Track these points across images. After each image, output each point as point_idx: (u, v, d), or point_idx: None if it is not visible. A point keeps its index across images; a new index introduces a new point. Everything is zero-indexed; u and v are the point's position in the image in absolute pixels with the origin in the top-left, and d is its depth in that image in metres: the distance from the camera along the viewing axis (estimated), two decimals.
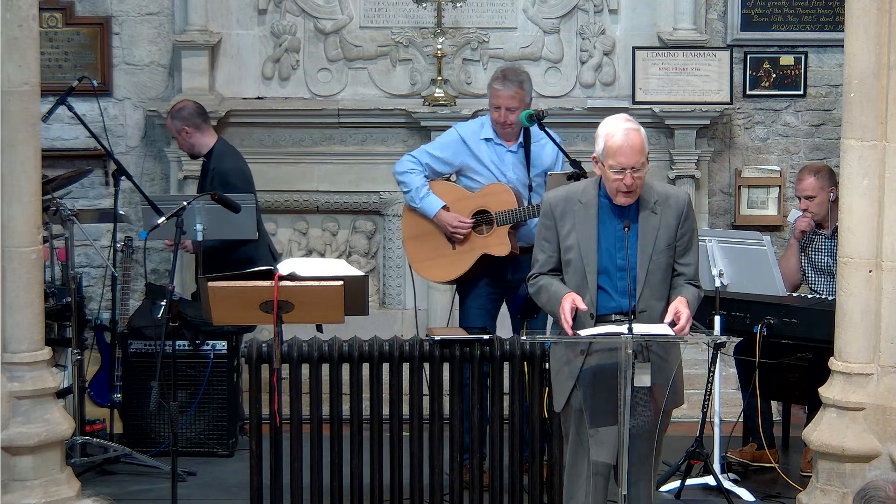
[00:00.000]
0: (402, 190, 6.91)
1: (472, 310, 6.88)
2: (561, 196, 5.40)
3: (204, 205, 6.89)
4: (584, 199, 5.31)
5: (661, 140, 8.45)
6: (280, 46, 8.49)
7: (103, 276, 8.30)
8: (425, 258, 6.89)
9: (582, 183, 5.54)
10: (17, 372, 6.02)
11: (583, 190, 5.37)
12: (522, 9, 8.55)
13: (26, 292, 5.99)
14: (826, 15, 8.57)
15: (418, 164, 6.84)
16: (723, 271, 6.67)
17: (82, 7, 8.46)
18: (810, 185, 7.07)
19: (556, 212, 5.33)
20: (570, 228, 5.29)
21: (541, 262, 5.39)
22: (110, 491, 6.57)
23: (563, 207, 5.33)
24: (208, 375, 7.28)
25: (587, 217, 5.28)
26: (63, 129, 8.32)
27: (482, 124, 6.95)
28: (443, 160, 6.89)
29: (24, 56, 5.95)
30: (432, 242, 6.86)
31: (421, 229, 6.88)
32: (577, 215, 5.30)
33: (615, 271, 5.26)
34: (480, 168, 6.89)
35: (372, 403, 6.16)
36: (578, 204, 5.31)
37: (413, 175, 6.83)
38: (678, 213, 5.31)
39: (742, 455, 7.05)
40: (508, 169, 6.88)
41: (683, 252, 5.33)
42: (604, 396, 5.21)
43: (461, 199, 6.85)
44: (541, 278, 5.37)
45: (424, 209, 6.83)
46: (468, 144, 6.89)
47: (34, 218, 6.04)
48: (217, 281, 5.81)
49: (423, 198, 6.82)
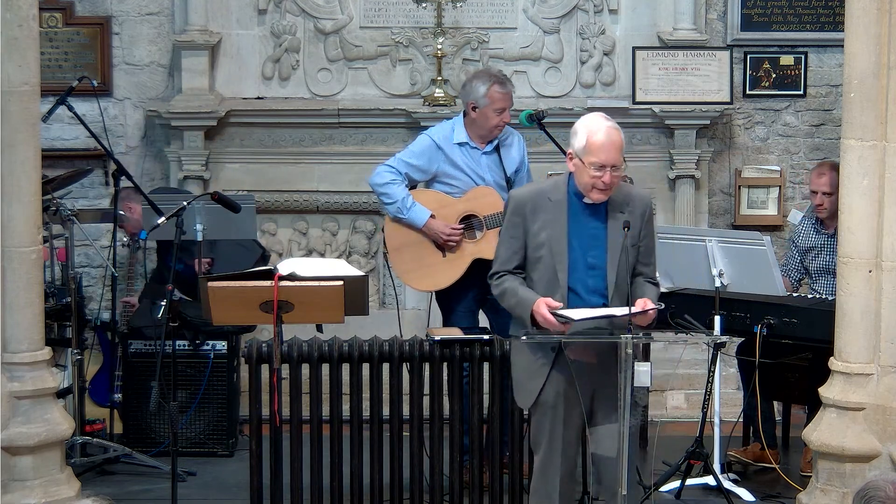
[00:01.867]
0: (385, 202, 6.82)
1: (459, 313, 6.86)
2: (530, 192, 5.40)
3: (204, 205, 6.88)
4: (553, 197, 5.30)
5: (661, 140, 8.45)
6: (280, 46, 8.49)
7: (103, 276, 8.30)
8: (415, 268, 6.85)
9: (551, 180, 5.54)
10: (17, 372, 6.02)
11: (553, 187, 5.36)
12: (522, 9, 8.54)
13: (26, 292, 5.99)
14: (826, 15, 8.56)
15: (398, 175, 6.80)
16: (723, 271, 6.67)
17: (82, 7, 8.46)
18: (831, 182, 7.05)
19: (525, 208, 5.32)
20: (541, 226, 5.28)
21: (504, 258, 5.37)
22: (110, 491, 6.58)
23: (533, 204, 5.32)
24: (208, 375, 7.29)
25: (558, 214, 5.28)
26: (63, 129, 8.32)
27: (453, 129, 6.91)
28: (419, 168, 6.85)
29: (24, 56, 5.95)
30: (419, 252, 6.82)
31: (406, 239, 6.83)
32: (548, 212, 5.29)
33: (585, 269, 5.27)
34: (457, 173, 6.86)
35: (372, 403, 6.16)
36: (548, 201, 5.30)
37: (395, 186, 6.78)
38: (642, 214, 5.35)
39: (745, 454, 7.05)
40: (485, 171, 6.87)
41: (646, 252, 5.38)
42: (587, 390, 5.23)
43: (445, 206, 6.83)
44: (505, 279, 5.35)
45: (413, 220, 6.79)
46: (443, 150, 6.86)
47: (34, 218, 6.04)
48: (217, 281, 5.81)
49: (411, 208, 6.77)
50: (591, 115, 5.34)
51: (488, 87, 6.82)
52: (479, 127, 6.84)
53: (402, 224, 6.82)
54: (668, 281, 6.82)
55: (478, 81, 6.89)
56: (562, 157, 6.87)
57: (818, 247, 7.31)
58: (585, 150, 5.20)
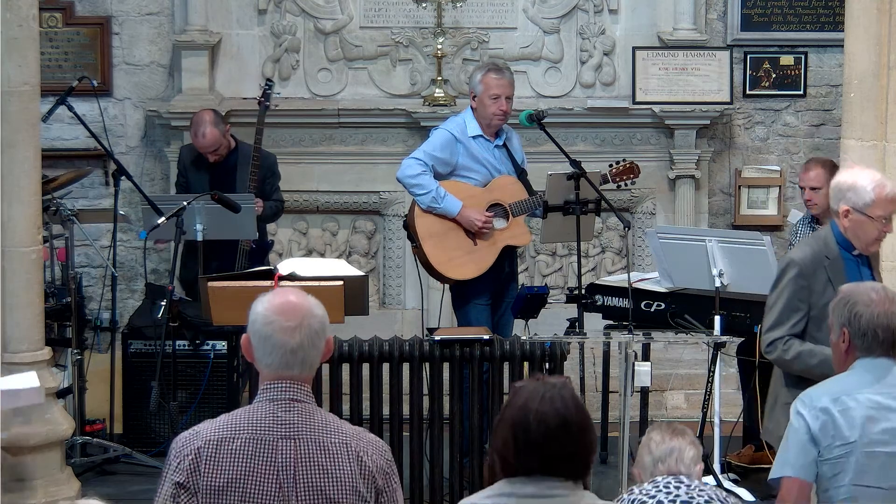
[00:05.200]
0: (417, 193, 6.83)
1: (476, 306, 6.91)
2: (811, 255, 5.39)
3: (204, 205, 6.88)
4: (830, 255, 5.33)
5: (661, 140, 8.45)
6: (280, 46, 8.49)
7: (103, 276, 8.29)
8: (455, 257, 6.88)
9: (820, 237, 5.49)
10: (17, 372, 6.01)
11: (824, 244, 5.37)
12: (522, 9, 8.54)
13: (26, 292, 5.99)
14: (826, 15, 8.56)
15: (426, 166, 6.84)
16: (723, 271, 6.67)
17: (82, 7, 8.46)
18: (817, 176, 7.06)
19: (809, 272, 5.33)
20: (824, 287, 5.29)
21: (791, 323, 5.37)
22: (110, 491, 6.57)
23: (814, 266, 5.34)
24: (208, 375, 7.28)
25: (837, 273, 5.29)
26: (63, 129, 8.31)
27: (465, 122, 6.96)
28: (443, 161, 6.90)
29: (24, 56, 5.95)
30: (451, 241, 6.86)
31: (437, 229, 6.87)
32: (829, 272, 5.31)
33: None
34: (476, 165, 6.92)
35: (372, 403, 6.16)
36: (826, 260, 5.32)
37: (426, 177, 6.82)
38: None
39: (740, 458, 7.03)
40: (499, 163, 6.96)
41: None
42: None
43: (472, 196, 6.89)
44: (793, 342, 5.36)
45: (447, 209, 6.83)
46: (462, 143, 6.91)
47: (34, 218, 6.04)
48: (217, 281, 5.81)
49: (444, 197, 6.81)
50: (859, 170, 5.36)
51: (483, 74, 6.92)
52: (480, 116, 6.92)
53: (434, 214, 6.85)
54: (668, 281, 6.82)
55: (477, 71, 7.02)
56: (562, 157, 6.91)
57: None
58: (874, 204, 5.22)
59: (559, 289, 8.36)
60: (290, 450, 3.48)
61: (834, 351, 4.33)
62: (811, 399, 4.20)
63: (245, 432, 3.48)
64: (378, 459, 3.57)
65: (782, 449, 4.24)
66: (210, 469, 3.45)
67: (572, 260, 8.26)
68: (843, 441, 4.14)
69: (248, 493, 3.44)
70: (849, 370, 4.24)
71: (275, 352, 3.50)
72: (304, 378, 3.54)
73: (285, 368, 3.52)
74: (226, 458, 3.45)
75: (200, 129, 7.38)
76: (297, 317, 3.51)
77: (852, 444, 4.13)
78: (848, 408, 4.14)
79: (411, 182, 6.83)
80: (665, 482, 3.91)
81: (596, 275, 8.36)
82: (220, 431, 3.49)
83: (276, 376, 3.53)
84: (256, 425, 3.49)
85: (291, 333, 3.49)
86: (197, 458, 3.45)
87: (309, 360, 3.53)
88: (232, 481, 3.44)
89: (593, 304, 6.93)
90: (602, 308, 6.98)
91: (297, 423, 3.51)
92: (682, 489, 3.89)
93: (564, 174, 6.82)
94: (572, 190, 6.78)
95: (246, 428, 3.49)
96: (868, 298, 4.21)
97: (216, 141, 7.41)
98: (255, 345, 3.53)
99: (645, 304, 6.81)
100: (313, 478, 3.48)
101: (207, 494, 3.44)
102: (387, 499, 3.58)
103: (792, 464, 4.17)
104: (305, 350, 3.51)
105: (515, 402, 3.38)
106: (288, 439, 3.49)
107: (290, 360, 3.51)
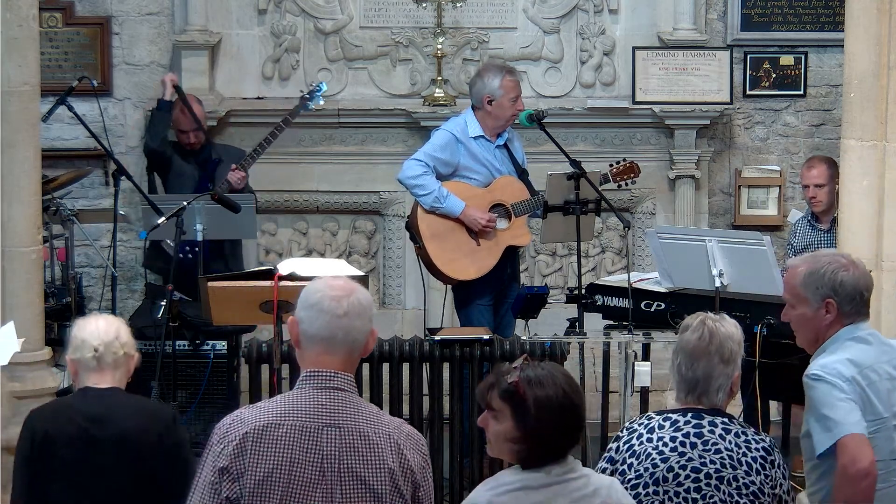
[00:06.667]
0: (420, 194, 6.87)
1: (478, 307, 6.92)
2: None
3: (204, 205, 6.89)
4: None
5: (661, 140, 8.45)
6: (280, 46, 8.49)
7: (103, 276, 8.29)
8: (459, 257, 6.91)
9: None
10: (17, 372, 6.02)
11: None
12: (522, 9, 8.54)
13: (26, 292, 6.00)
14: (826, 15, 8.56)
15: (427, 167, 6.86)
16: (723, 271, 6.67)
17: (82, 7, 8.46)
18: (821, 174, 7.06)
19: None
20: None
21: None
22: None
23: None
24: (208, 375, 7.28)
25: None
26: (63, 129, 8.31)
27: (466, 123, 6.99)
28: (444, 161, 6.92)
29: (24, 56, 5.96)
30: (454, 241, 6.89)
31: (440, 230, 6.89)
32: None
33: None
34: (477, 166, 6.94)
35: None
36: None
37: (428, 177, 6.85)
38: None
39: None
40: (500, 164, 7.00)
41: None
42: None
43: (473, 197, 6.91)
44: None
45: (450, 209, 6.85)
46: (463, 143, 6.94)
47: (34, 218, 6.05)
48: (217, 281, 5.81)
49: (447, 197, 6.84)
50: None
51: (501, 77, 6.95)
52: (495, 119, 6.96)
53: (437, 215, 6.86)
54: (668, 281, 6.82)
55: (489, 75, 7.00)
56: (562, 157, 6.92)
57: (815, 243, 7.32)
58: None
59: (559, 289, 8.36)
60: (335, 438, 3.48)
61: (807, 327, 4.20)
62: (836, 370, 4.02)
63: (290, 419, 3.48)
64: (416, 454, 3.57)
65: (821, 418, 3.99)
66: (255, 455, 3.45)
67: (572, 260, 8.27)
68: (876, 416, 4.02)
69: (292, 480, 3.45)
70: (841, 342, 4.12)
71: (321, 317, 3.50)
72: (346, 366, 3.54)
73: (329, 346, 3.52)
74: (271, 444, 3.46)
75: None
76: (346, 290, 3.55)
77: (885, 419, 4.04)
78: (872, 381, 4.05)
79: (413, 183, 6.85)
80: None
81: (596, 275, 8.36)
82: (265, 417, 3.49)
83: (318, 361, 3.53)
84: (302, 412, 3.50)
85: (339, 300, 3.51)
86: (242, 444, 3.45)
87: (353, 334, 3.53)
88: (276, 467, 3.45)
89: (593, 304, 6.93)
90: (602, 308, 6.97)
91: (341, 411, 3.51)
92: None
93: (564, 174, 6.83)
94: (572, 190, 6.79)
95: (291, 414, 3.49)
96: (839, 264, 4.15)
97: (200, 115, 7.59)
98: (302, 317, 3.53)
99: (645, 304, 6.81)
100: (356, 467, 3.48)
101: (251, 480, 3.44)
102: (423, 494, 3.57)
103: (844, 422, 3.93)
104: (351, 320, 3.52)
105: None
106: (333, 427, 3.49)
107: (335, 328, 3.50)
